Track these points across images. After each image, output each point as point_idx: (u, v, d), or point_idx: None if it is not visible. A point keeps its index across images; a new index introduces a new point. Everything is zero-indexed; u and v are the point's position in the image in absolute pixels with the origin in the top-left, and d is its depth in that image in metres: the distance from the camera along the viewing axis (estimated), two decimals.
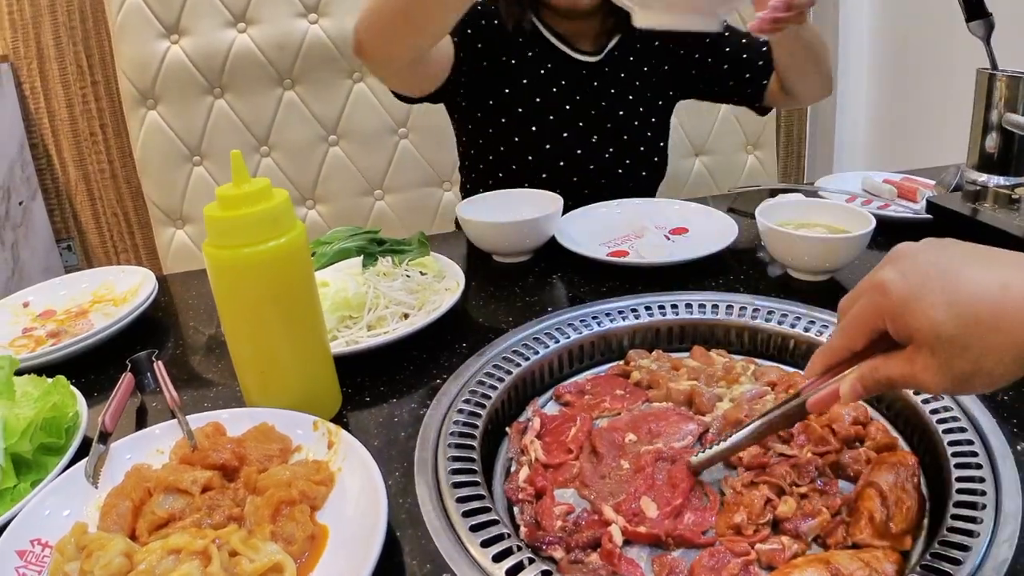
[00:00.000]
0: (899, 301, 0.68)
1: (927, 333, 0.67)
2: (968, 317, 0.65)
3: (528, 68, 1.85)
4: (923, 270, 0.68)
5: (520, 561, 0.75)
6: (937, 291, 0.66)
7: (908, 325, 0.68)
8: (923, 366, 0.68)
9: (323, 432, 0.94)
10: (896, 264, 0.70)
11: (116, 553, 0.75)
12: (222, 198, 0.92)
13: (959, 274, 0.67)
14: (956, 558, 0.72)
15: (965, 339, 0.65)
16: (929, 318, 0.66)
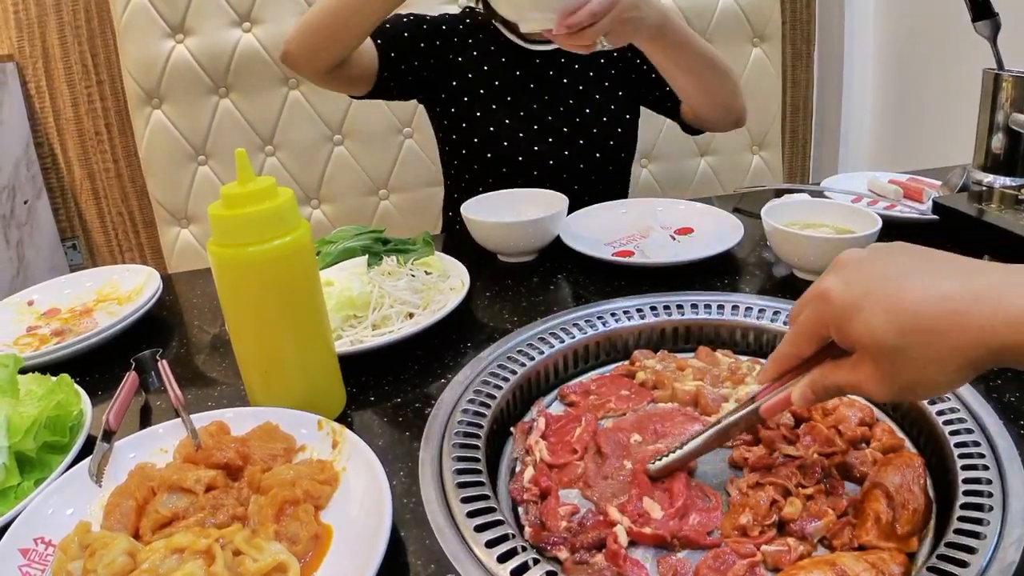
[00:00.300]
0: (841, 310, 0.69)
1: (869, 343, 0.68)
2: (908, 327, 0.66)
3: (481, 62, 1.90)
4: (866, 279, 0.69)
5: (525, 561, 0.75)
6: (878, 301, 0.67)
7: (850, 335, 0.69)
8: (867, 375, 0.70)
9: (327, 432, 0.93)
10: (840, 272, 0.72)
11: (120, 552, 0.74)
12: (227, 196, 0.92)
13: (901, 284, 0.67)
14: (963, 560, 0.72)
15: (906, 349, 0.66)
16: (870, 328, 0.67)
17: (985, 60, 1.53)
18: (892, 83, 3.44)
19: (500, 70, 1.91)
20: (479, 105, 1.90)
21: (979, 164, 1.59)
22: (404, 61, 1.83)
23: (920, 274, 0.68)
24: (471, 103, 1.90)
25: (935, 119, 3.17)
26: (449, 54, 1.89)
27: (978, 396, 0.95)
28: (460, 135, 1.92)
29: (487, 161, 1.90)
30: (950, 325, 0.64)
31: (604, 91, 1.97)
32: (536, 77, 1.93)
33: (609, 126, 1.97)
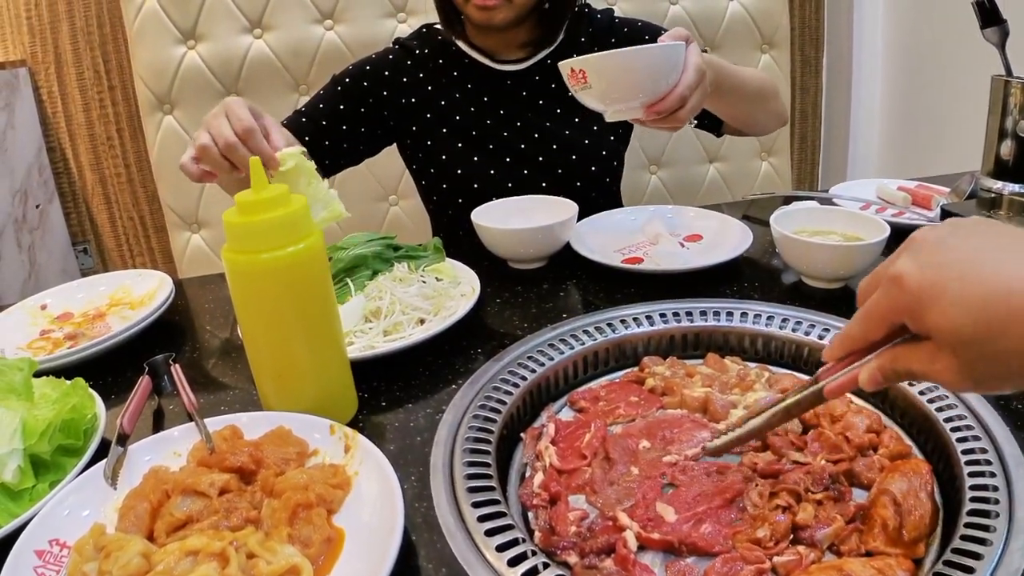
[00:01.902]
0: (917, 298, 0.64)
1: (947, 334, 0.63)
2: (991, 318, 0.60)
3: (445, 92, 1.86)
4: (944, 263, 0.63)
5: (535, 566, 0.75)
6: (958, 289, 0.62)
7: (927, 324, 0.64)
8: (944, 365, 0.64)
9: (340, 436, 0.94)
10: (915, 254, 0.66)
11: (134, 554, 0.75)
12: (241, 204, 0.92)
13: (983, 270, 0.61)
14: (969, 566, 0.72)
15: (989, 342, 0.61)
16: (948, 319, 0.62)
17: (994, 67, 1.54)
18: (901, 89, 3.44)
19: (467, 97, 1.86)
20: (449, 140, 1.85)
21: (988, 171, 1.59)
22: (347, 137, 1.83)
23: (1003, 257, 0.62)
24: (440, 139, 1.86)
25: (944, 126, 3.17)
26: (402, 98, 1.85)
27: (985, 403, 0.95)
28: (434, 172, 1.89)
29: (464, 196, 1.86)
30: None
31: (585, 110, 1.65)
32: (507, 100, 1.87)
33: (591, 149, 1.90)
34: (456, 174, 1.85)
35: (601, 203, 1.87)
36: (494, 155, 1.86)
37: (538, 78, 1.88)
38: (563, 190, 1.76)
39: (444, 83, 1.86)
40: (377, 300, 1.27)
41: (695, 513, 0.85)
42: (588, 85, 1.31)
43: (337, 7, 2.40)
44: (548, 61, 1.85)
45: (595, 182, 1.94)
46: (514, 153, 1.86)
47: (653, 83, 1.30)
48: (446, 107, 1.85)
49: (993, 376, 0.63)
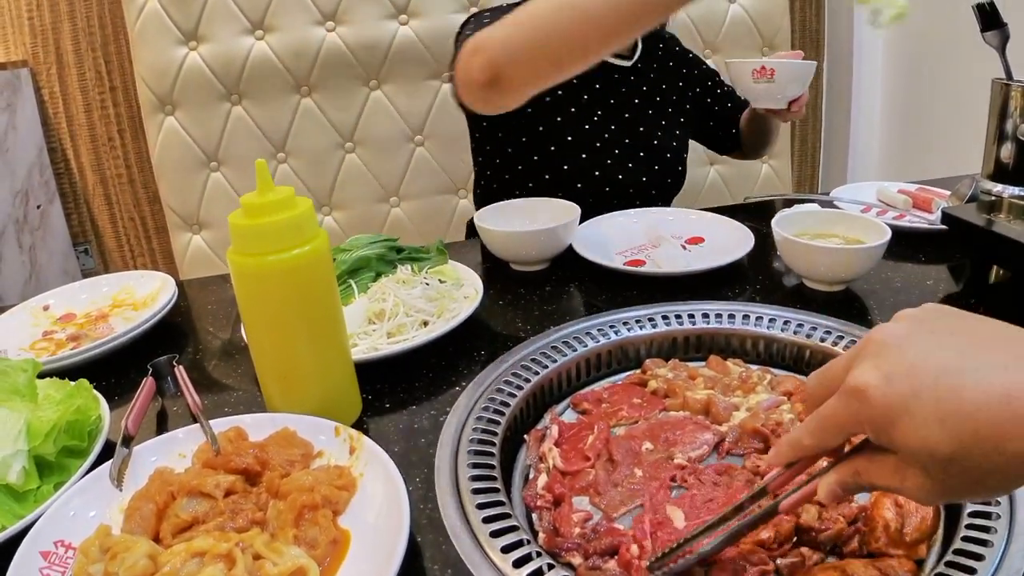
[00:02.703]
0: (883, 414, 0.58)
1: (919, 453, 0.57)
2: (967, 435, 0.55)
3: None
4: (911, 374, 0.58)
5: (540, 567, 0.75)
6: (929, 404, 0.56)
7: (895, 440, 0.58)
8: (915, 483, 0.60)
9: (344, 438, 0.94)
10: (879, 364, 0.60)
11: (141, 555, 0.75)
12: (247, 206, 0.93)
13: (954, 381, 0.56)
14: (970, 567, 0.72)
15: (964, 459, 0.56)
16: (921, 438, 0.57)
17: (994, 70, 1.54)
18: (901, 92, 3.45)
19: (586, 82, 1.91)
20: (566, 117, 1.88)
21: (988, 174, 1.59)
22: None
23: (974, 363, 0.57)
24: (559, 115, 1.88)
25: (944, 129, 3.17)
26: None
27: None
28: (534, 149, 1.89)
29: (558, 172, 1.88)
30: (1016, 430, 0.54)
31: (670, 116, 2.02)
32: (613, 92, 1.94)
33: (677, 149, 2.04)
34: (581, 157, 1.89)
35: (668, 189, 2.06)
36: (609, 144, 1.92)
37: (634, 79, 1.98)
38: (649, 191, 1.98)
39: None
40: (381, 302, 1.27)
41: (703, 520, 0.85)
42: (772, 80, 1.73)
43: (339, 8, 2.40)
44: (639, 65, 1.99)
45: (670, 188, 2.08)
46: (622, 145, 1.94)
47: (802, 86, 1.80)
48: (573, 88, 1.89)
49: (967, 491, 0.60)
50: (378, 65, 2.48)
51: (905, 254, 1.53)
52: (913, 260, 1.51)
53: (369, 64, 2.47)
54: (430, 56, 2.50)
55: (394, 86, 2.52)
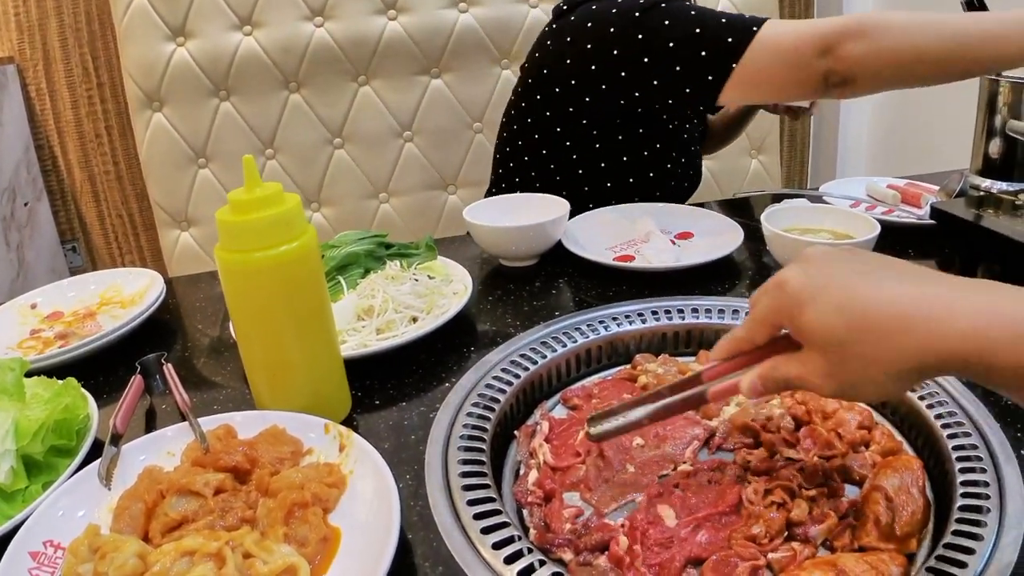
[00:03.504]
0: (796, 300, 0.70)
1: (819, 335, 0.69)
2: (857, 324, 0.66)
3: None
4: (824, 274, 0.70)
5: (532, 563, 0.76)
6: (832, 295, 0.68)
7: (802, 325, 0.70)
8: (814, 368, 0.70)
9: (334, 435, 0.94)
10: (803, 264, 0.72)
11: (130, 555, 0.75)
12: (234, 202, 0.92)
13: (856, 281, 0.68)
14: (961, 561, 0.73)
15: (853, 345, 0.67)
16: (822, 321, 0.68)
17: None
18: None
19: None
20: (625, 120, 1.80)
21: (977, 169, 1.60)
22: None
23: (877, 276, 0.69)
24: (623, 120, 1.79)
25: (933, 124, 3.18)
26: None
27: (974, 399, 0.96)
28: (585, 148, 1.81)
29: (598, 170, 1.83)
30: (897, 327, 0.65)
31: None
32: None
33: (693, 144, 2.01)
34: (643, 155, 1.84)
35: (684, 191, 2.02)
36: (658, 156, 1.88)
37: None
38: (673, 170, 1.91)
39: None
40: (370, 298, 1.27)
41: (695, 517, 0.86)
42: None
43: (327, 4, 2.40)
44: None
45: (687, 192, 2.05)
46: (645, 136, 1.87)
47: None
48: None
49: (857, 381, 0.68)
50: (367, 60, 2.48)
51: (894, 249, 1.53)
52: (902, 255, 1.51)
53: (358, 59, 2.46)
54: (419, 51, 2.50)
55: (383, 82, 2.51)
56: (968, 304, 0.64)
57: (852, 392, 0.70)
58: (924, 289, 0.66)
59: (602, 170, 1.82)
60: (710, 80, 1.48)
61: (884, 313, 0.66)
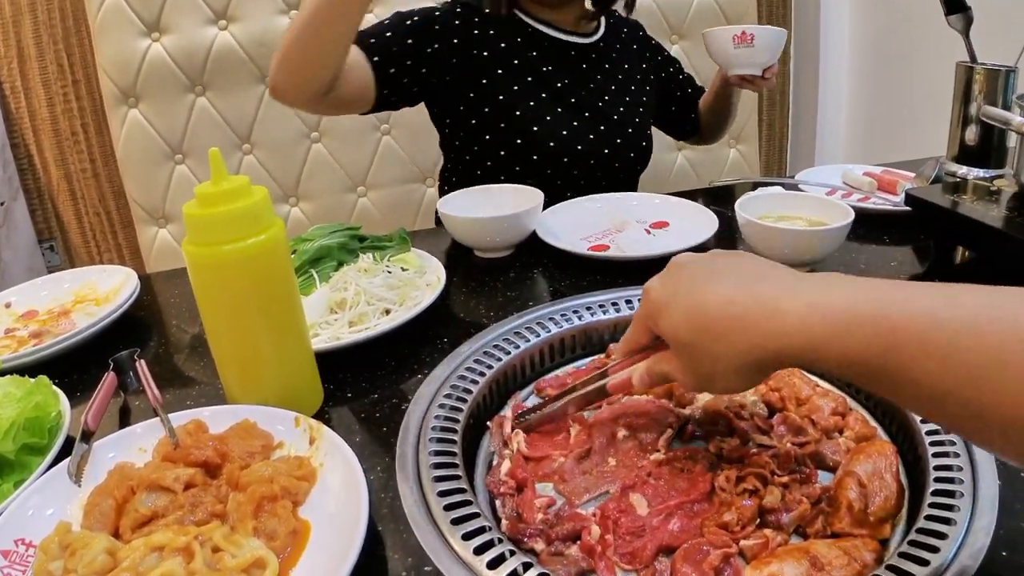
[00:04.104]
0: (656, 308, 0.79)
1: (671, 337, 0.78)
2: (698, 327, 0.74)
3: (510, 56, 1.86)
4: (678, 281, 0.78)
5: (502, 553, 0.75)
6: (681, 302, 0.76)
7: (661, 330, 0.79)
8: (677, 365, 0.79)
9: (304, 428, 0.94)
10: (665, 273, 0.81)
11: (99, 551, 0.75)
12: (201, 196, 0.92)
13: (702, 287, 0.75)
14: (934, 546, 0.73)
15: (697, 346, 0.74)
16: (671, 325, 0.77)
17: (959, 53, 1.55)
18: (868, 77, 3.47)
19: (538, 60, 1.89)
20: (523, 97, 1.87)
21: (953, 156, 1.61)
22: (407, 74, 1.78)
23: (721, 280, 0.75)
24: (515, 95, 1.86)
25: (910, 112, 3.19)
26: (474, 50, 1.84)
27: None
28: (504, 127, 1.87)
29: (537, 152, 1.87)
30: (731, 328, 0.71)
31: (633, 94, 2.03)
32: (571, 69, 1.94)
33: (640, 126, 2.03)
34: (532, 131, 1.86)
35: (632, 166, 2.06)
36: (566, 117, 1.90)
37: (595, 56, 1.98)
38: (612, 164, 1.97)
39: (514, 44, 1.88)
40: (342, 291, 1.26)
41: (667, 506, 0.86)
42: (752, 45, 1.79)
43: None
44: (601, 44, 2.00)
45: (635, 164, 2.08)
46: (582, 119, 1.92)
47: (776, 54, 1.85)
48: (519, 66, 1.88)
49: (708, 376, 0.76)
50: None
51: (870, 236, 1.54)
52: (878, 241, 1.52)
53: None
54: None
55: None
56: (798, 301, 0.69)
57: (709, 385, 0.78)
58: (759, 289, 0.71)
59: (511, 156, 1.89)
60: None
61: (721, 315, 0.72)
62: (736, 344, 0.71)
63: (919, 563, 0.71)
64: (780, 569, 0.75)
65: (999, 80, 1.52)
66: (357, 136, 2.54)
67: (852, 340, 0.64)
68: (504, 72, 1.86)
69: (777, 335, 0.69)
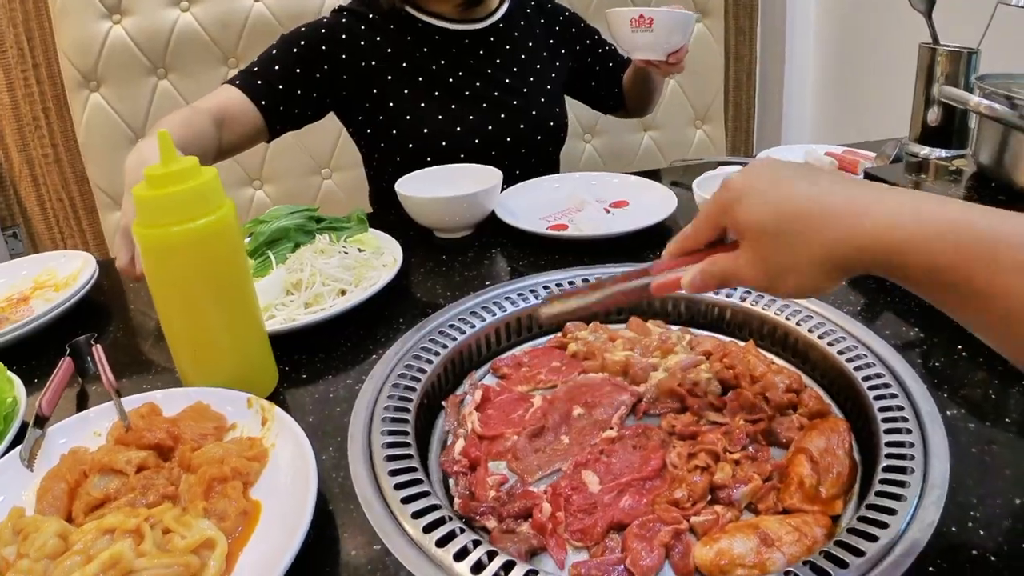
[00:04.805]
0: (735, 195, 0.77)
1: (751, 226, 0.76)
2: (785, 214, 0.73)
3: (399, 59, 1.85)
4: (761, 173, 0.77)
5: (452, 531, 0.76)
6: (765, 190, 0.75)
7: (737, 217, 0.77)
8: (745, 260, 0.78)
9: (256, 409, 0.94)
10: (748, 168, 0.80)
11: (51, 535, 0.75)
12: (150, 177, 0.91)
13: (790, 179, 0.75)
14: (883, 521, 0.74)
15: (781, 235, 0.73)
16: (752, 211, 0.75)
17: (924, 35, 1.56)
18: (834, 58, 3.48)
19: (428, 57, 1.87)
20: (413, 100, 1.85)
21: (915, 137, 1.62)
22: (298, 104, 1.79)
23: (811, 176, 0.75)
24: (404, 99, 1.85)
25: (875, 94, 3.21)
26: (362, 61, 1.83)
27: (903, 361, 0.97)
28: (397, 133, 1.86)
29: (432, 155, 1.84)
30: (820, 218, 0.71)
31: (537, 73, 1.99)
32: (468, 59, 1.91)
33: (546, 106, 1.99)
34: (423, 133, 1.84)
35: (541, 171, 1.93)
36: (459, 113, 1.87)
37: (493, 39, 1.94)
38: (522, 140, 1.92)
39: (403, 45, 1.86)
40: (298, 272, 1.27)
41: (619, 483, 0.86)
42: (651, 29, 1.69)
43: None
44: (500, 25, 1.95)
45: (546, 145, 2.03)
46: (477, 111, 1.89)
47: (683, 37, 1.74)
48: (408, 68, 1.85)
49: (783, 270, 0.75)
50: None
51: None
52: None
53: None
54: None
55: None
56: (891, 203, 0.69)
57: (778, 283, 0.76)
58: (852, 189, 0.72)
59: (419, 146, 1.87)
60: None
61: (810, 206, 0.72)
62: (822, 236, 0.71)
63: (868, 539, 0.72)
64: (730, 545, 0.76)
65: (961, 62, 1.53)
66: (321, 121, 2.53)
67: (943, 245, 0.65)
68: (393, 78, 1.84)
69: (866, 232, 0.69)
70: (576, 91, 2.22)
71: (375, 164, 2.00)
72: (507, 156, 1.89)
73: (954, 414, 0.92)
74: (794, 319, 1.10)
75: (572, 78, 2.14)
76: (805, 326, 1.08)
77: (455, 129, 1.86)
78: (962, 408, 0.93)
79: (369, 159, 2.03)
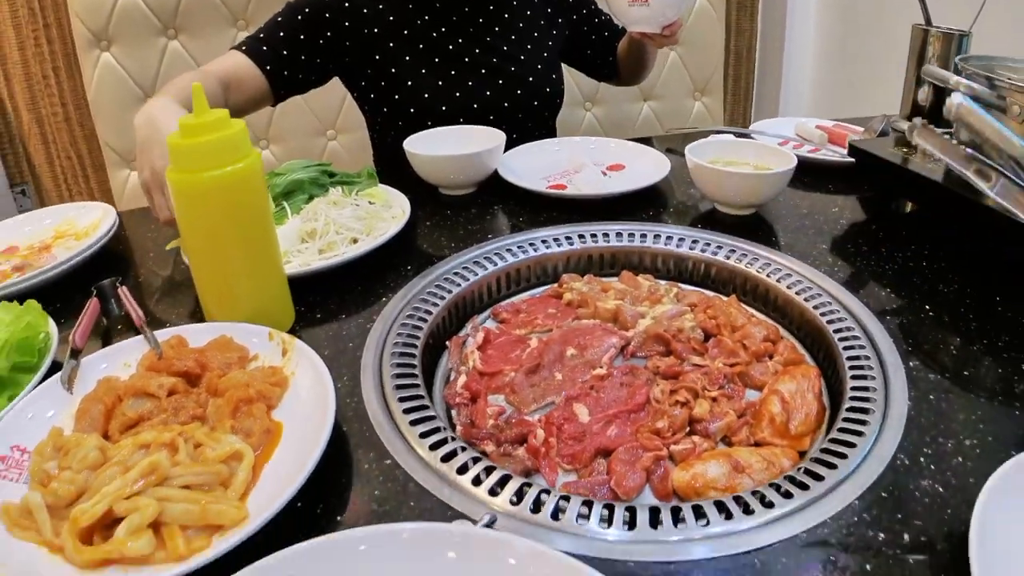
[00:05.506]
0: None
1: None
2: None
3: (400, 27, 1.89)
4: None
5: (454, 449, 0.83)
6: None
7: None
8: None
9: (277, 342, 1.00)
10: None
11: (92, 448, 0.81)
12: (184, 127, 0.98)
13: None
14: (843, 453, 0.81)
15: None
16: None
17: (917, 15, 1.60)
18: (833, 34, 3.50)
19: (424, 28, 1.90)
20: (414, 65, 1.89)
21: (905, 115, 1.66)
22: (302, 69, 1.85)
23: None
24: (406, 65, 1.88)
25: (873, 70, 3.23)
26: (364, 28, 1.87)
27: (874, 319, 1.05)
28: (399, 98, 1.90)
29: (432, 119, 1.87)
30: None
31: (535, 41, 2.02)
32: (465, 26, 1.94)
33: (543, 73, 2.02)
34: (423, 98, 1.88)
35: (537, 136, 1.97)
36: (458, 79, 1.92)
37: (492, 7, 1.98)
38: (515, 116, 1.96)
39: (404, 13, 1.89)
40: (313, 222, 1.32)
41: (606, 415, 0.94)
42: (647, 4, 1.70)
43: None
44: None
45: (542, 111, 2.07)
46: (476, 77, 1.93)
47: (677, 11, 1.73)
48: (409, 35, 1.89)
49: None
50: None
51: (816, 185, 1.61)
52: (822, 190, 1.59)
53: None
54: None
55: None
56: None
57: None
58: None
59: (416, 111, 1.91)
60: None
61: None
62: None
63: (828, 467, 0.80)
64: (704, 469, 0.84)
65: (952, 43, 1.56)
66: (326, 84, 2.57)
67: None
68: (395, 45, 1.88)
69: None
70: (571, 59, 2.26)
71: (378, 128, 2.05)
72: (504, 121, 1.91)
73: (916, 364, 0.97)
74: (774, 276, 1.17)
75: (568, 46, 2.18)
76: (784, 283, 1.15)
77: (454, 95, 1.90)
78: (924, 361, 0.98)
79: (372, 123, 2.07)
